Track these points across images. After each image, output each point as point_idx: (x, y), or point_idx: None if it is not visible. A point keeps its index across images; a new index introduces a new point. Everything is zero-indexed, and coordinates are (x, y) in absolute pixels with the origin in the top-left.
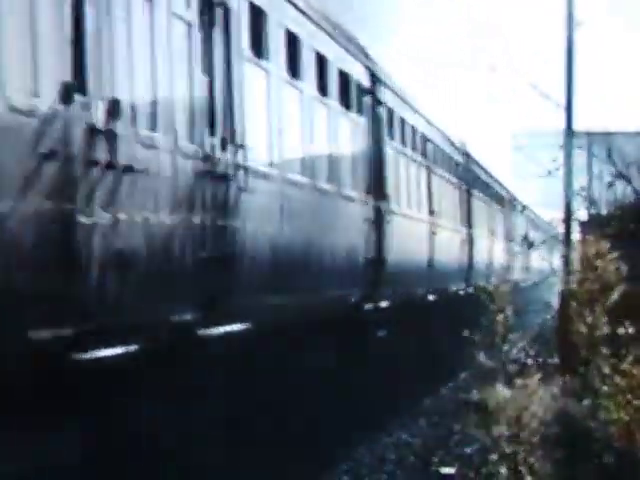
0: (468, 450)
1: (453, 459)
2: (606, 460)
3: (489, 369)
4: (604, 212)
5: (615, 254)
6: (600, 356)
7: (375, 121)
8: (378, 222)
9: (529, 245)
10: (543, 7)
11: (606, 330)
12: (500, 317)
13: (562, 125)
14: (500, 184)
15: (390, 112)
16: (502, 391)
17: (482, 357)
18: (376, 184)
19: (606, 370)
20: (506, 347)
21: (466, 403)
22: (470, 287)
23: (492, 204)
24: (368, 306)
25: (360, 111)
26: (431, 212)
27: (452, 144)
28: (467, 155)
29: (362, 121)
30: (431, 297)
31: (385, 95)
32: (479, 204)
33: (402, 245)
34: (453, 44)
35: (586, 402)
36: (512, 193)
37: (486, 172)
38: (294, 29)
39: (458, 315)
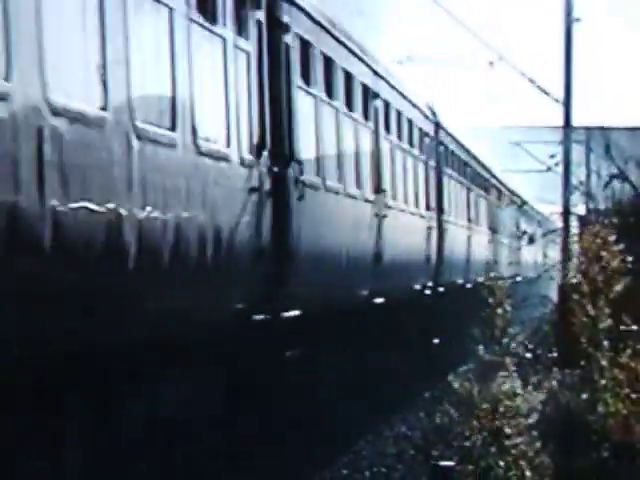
0: (467, 444)
1: (453, 453)
2: (604, 453)
3: (489, 363)
4: (602, 207)
5: (621, 245)
6: (600, 349)
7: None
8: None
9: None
10: (542, 3)
11: (608, 322)
12: (499, 311)
13: (560, 120)
14: (485, 167)
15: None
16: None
17: (481, 351)
18: None
19: (604, 363)
20: (505, 340)
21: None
22: (440, 286)
23: (473, 188)
24: (258, 317)
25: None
26: (378, 190)
27: (415, 107)
28: (438, 126)
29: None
30: (378, 300)
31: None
32: (454, 185)
33: (326, 232)
34: (452, 41)
35: (585, 395)
36: (501, 180)
37: (468, 152)
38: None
39: (420, 323)
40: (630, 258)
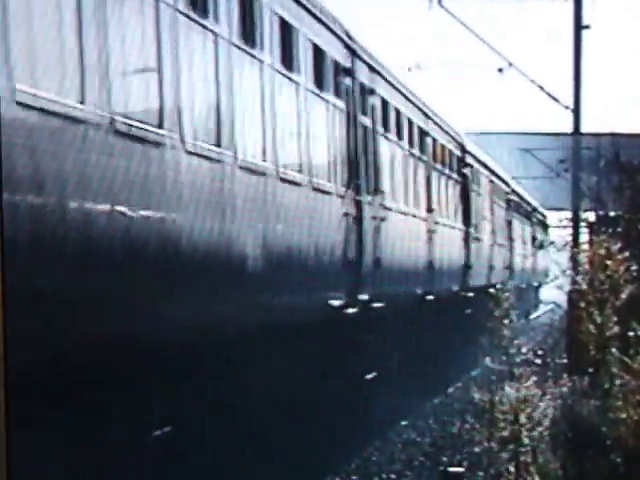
0: (477, 450)
1: (462, 459)
2: (615, 459)
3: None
4: (612, 213)
5: (626, 254)
6: (610, 356)
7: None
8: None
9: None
10: (552, 10)
11: (616, 330)
12: (505, 321)
13: (569, 127)
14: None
15: None
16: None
17: (488, 361)
18: None
19: (615, 369)
20: (513, 350)
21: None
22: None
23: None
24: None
25: None
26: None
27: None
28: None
29: None
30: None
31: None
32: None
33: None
34: (462, 48)
35: (595, 402)
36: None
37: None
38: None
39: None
40: (637, 266)
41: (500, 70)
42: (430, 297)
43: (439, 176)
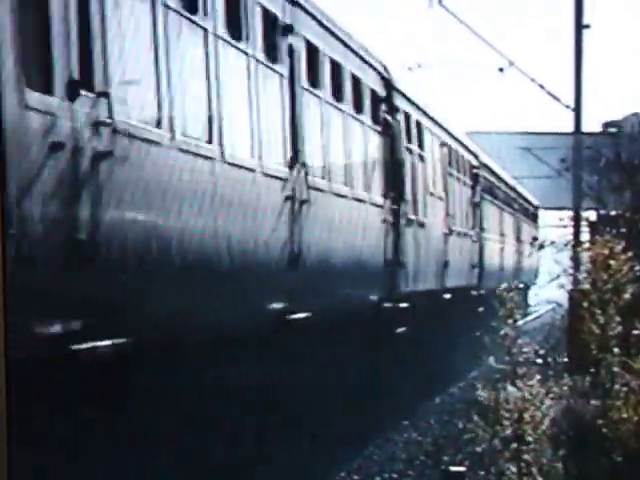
0: (478, 449)
1: (463, 458)
2: (616, 460)
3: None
4: (613, 212)
5: (630, 254)
6: (611, 355)
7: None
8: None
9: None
10: (552, 10)
11: (618, 329)
12: (509, 321)
13: (570, 126)
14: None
15: None
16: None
17: (491, 360)
18: None
19: (616, 369)
20: (515, 350)
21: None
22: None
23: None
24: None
25: None
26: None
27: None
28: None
29: None
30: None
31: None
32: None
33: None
34: (462, 47)
35: (596, 401)
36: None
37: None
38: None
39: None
40: (637, 267)
41: (501, 69)
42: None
43: (342, 122)
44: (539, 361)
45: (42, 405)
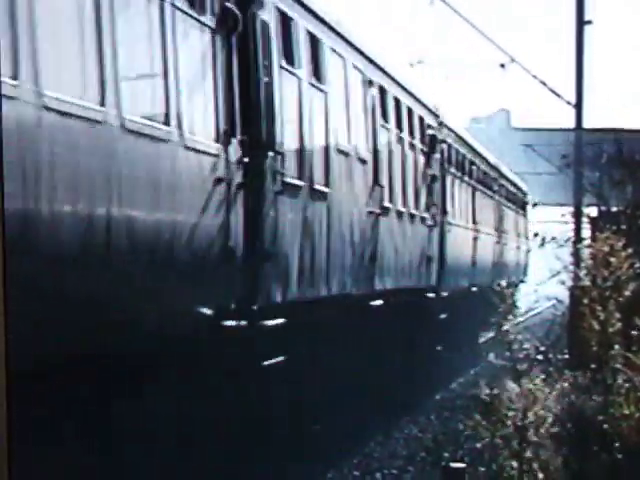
0: (478, 445)
1: (464, 454)
2: (617, 456)
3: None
4: (614, 209)
5: (630, 250)
6: (612, 352)
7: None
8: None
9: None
10: (554, 6)
11: (618, 326)
12: (509, 317)
13: (572, 123)
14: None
15: None
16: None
17: (492, 356)
18: None
19: (618, 365)
20: (515, 346)
21: (474, 399)
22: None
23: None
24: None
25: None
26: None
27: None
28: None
29: None
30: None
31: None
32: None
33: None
34: (464, 43)
35: (597, 398)
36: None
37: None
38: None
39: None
40: (639, 264)
41: (502, 66)
42: None
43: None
44: (540, 357)
45: None
